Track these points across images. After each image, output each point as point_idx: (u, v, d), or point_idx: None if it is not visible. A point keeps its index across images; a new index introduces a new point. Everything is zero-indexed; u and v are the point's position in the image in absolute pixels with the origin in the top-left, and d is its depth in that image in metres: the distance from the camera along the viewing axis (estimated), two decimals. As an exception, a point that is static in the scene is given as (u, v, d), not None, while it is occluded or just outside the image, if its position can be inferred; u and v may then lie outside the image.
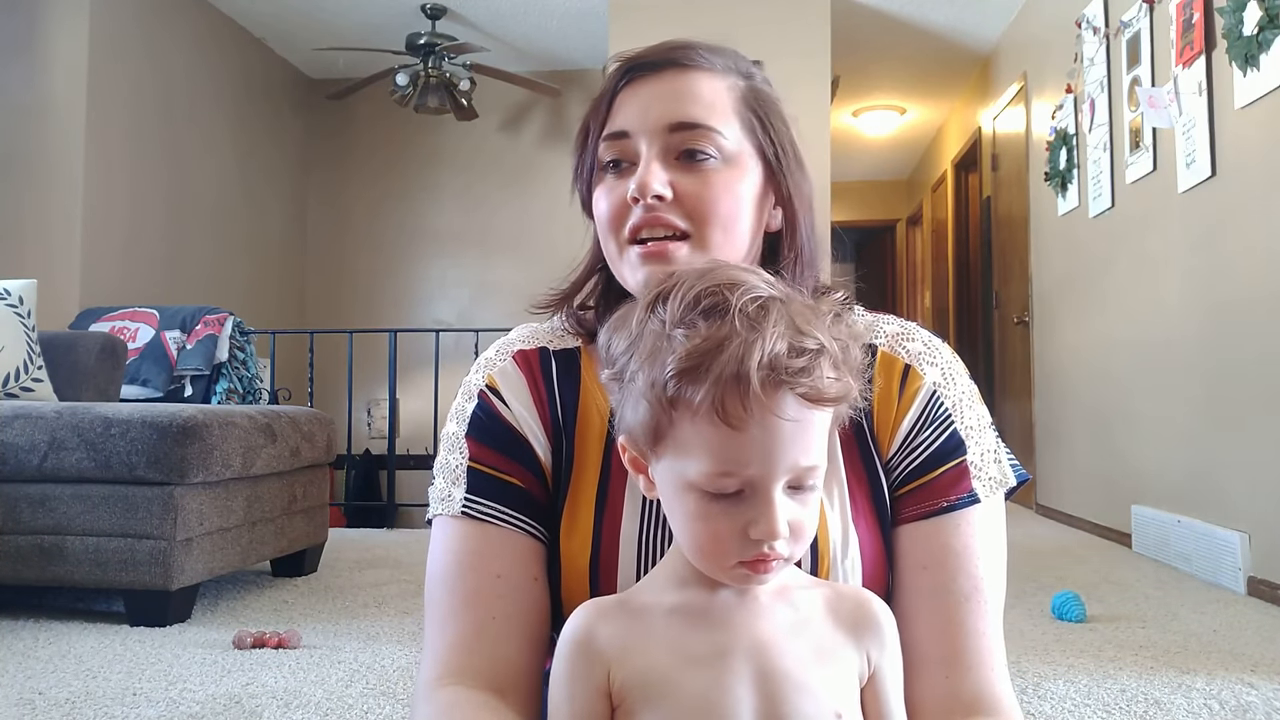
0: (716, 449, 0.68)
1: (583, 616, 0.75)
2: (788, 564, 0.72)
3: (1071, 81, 4.26)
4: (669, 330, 0.69)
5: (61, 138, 4.20)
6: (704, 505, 0.70)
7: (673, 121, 0.86)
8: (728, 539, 0.70)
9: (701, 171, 0.86)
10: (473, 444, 0.89)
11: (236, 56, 5.46)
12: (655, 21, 4.73)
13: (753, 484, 0.68)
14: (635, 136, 0.87)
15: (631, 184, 0.85)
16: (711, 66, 0.89)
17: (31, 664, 2.00)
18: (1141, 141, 3.53)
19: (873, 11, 5.10)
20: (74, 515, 2.37)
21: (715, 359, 0.66)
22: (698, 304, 0.70)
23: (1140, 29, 3.54)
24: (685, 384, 0.67)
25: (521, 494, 0.87)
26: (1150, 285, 3.53)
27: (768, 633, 0.73)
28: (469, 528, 0.86)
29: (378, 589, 2.84)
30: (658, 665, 0.72)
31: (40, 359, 2.91)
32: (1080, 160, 4.21)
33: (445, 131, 6.14)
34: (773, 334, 0.67)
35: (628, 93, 0.89)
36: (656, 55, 0.89)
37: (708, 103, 0.87)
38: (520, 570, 0.85)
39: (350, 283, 6.25)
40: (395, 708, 1.72)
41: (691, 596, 0.74)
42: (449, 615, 0.84)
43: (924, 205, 7.98)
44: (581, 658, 0.74)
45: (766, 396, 0.66)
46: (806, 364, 0.67)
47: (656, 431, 0.71)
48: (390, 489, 4.73)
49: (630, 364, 0.72)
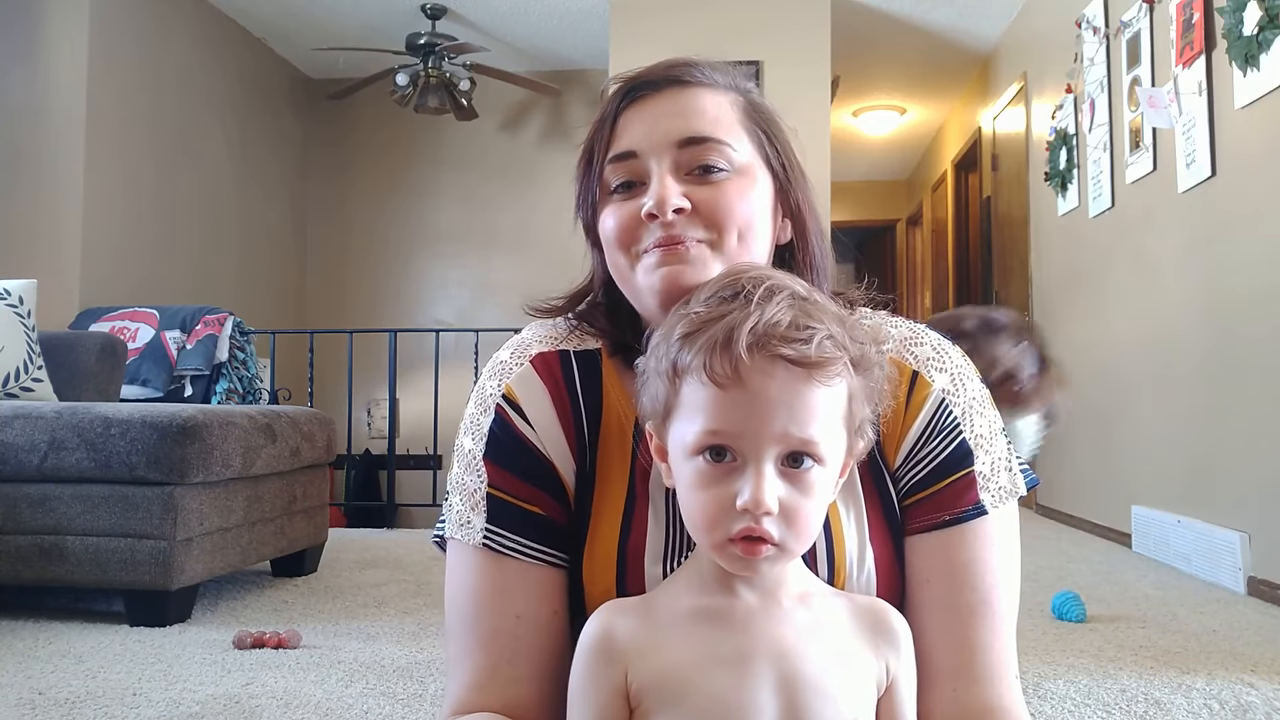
0: (707, 407, 0.70)
1: (602, 617, 0.75)
2: (783, 555, 0.72)
3: (1071, 81, 4.26)
4: (689, 311, 0.73)
5: (62, 138, 4.20)
6: (700, 474, 0.71)
7: (682, 137, 0.85)
8: (719, 510, 0.70)
9: (715, 183, 0.85)
10: (492, 468, 0.86)
11: (236, 56, 5.46)
12: (655, 21, 4.72)
13: (743, 452, 0.70)
14: (644, 156, 0.86)
15: (648, 200, 0.84)
16: (712, 82, 0.89)
17: (31, 664, 2.00)
18: (1141, 141, 3.53)
19: (873, 12, 5.10)
20: (74, 515, 2.37)
21: (713, 326, 0.70)
22: (720, 286, 0.74)
23: (1140, 29, 3.54)
24: (684, 348, 0.71)
25: (543, 522, 0.85)
26: (1150, 285, 3.53)
27: (789, 637, 0.73)
28: (489, 563, 0.85)
29: (378, 589, 2.84)
30: (677, 667, 0.72)
31: (40, 359, 2.91)
32: (1080, 160, 4.21)
33: (445, 131, 6.14)
34: (774, 310, 0.70)
35: (631, 114, 0.88)
36: (656, 75, 0.88)
37: (713, 117, 0.87)
38: (540, 607, 0.84)
39: (350, 283, 6.25)
40: (395, 708, 1.72)
41: (712, 600, 0.74)
42: (465, 654, 0.84)
43: (924, 205, 7.98)
44: (600, 658, 0.74)
45: (749, 357, 0.68)
46: (801, 335, 0.69)
47: (666, 404, 0.73)
48: (390, 489, 4.73)
49: (655, 348, 0.75)
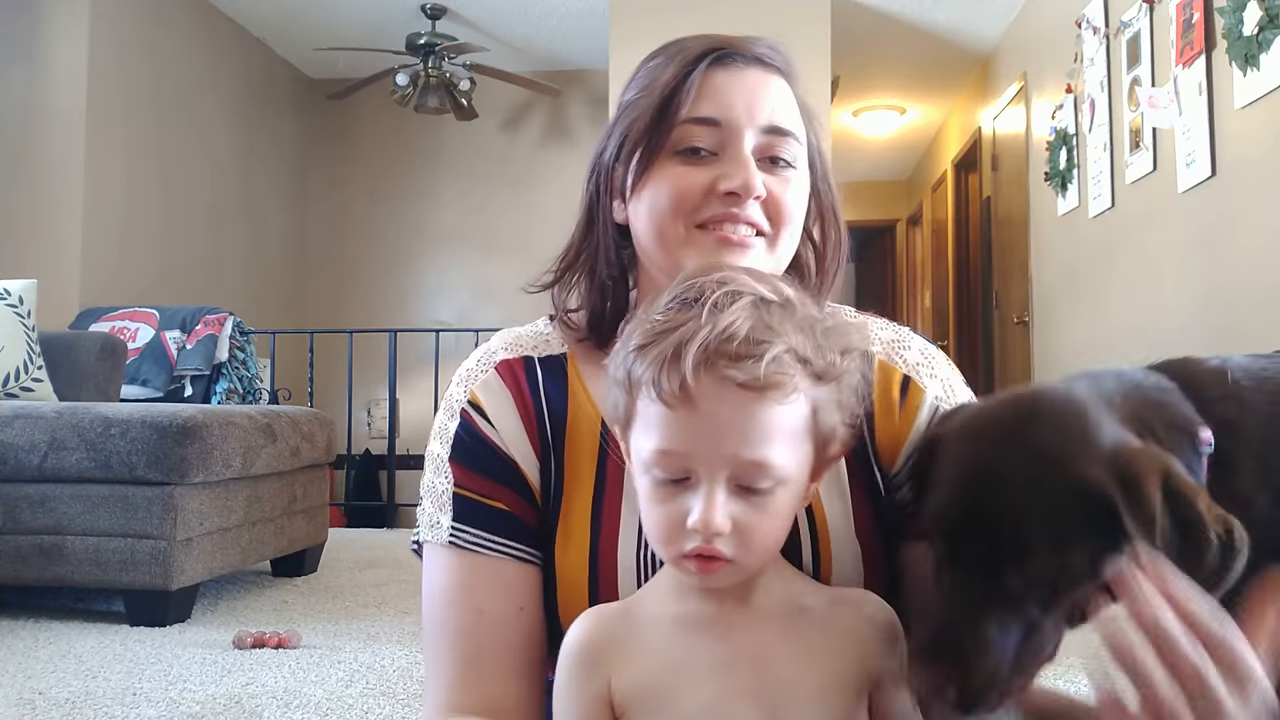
0: (659, 426, 0.68)
1: (584, 624, 0.75)
2: (740, 570, 0.70)
3: (1071, 81, 4.26)
4: (648, 318, 0.71)
5: (62, 137, 4.20)
6: (656, 488, 0.70)
7: (772, 124, 0.85)
8: (672, 526, 0.69)
9: (784, 177, 0.85)
10: (457, 468, 0.87)
11: (236, 56, 5.45)
12: (655, 21, 4.72)
13: (696, 471, 0.68)
14: (730, 128, 0.84)
15: (731, 178, 0.82)
16: (789, 71, 0.89)
17: (31, 664, 2.00)
18: (1141, 141, 3.53)
19: (873, 11, 5.10)
20: (74, 515, 2.37)
21: (665, 338, 0.67)
22: (680, 291, 0.71)
23: (1140, 29, 3.54)
24: (636, 359, 0.68)
25: (508, 519, 0.86)
26: (1150, 285, 3.53)
27: (770, 644, 0.72)
28: (455, 559, 0.86)
29: (378, 589, 2.84)
30: (660, 675, 0.71)
31: (40, 359, 2.91)
32: (1080, 160, 4.21)
33: (445, 131, 6.14)
34: (728, 321, 0.67)
35: (719, 78, 0.85)
36: (742, 49, 0.87)
37: (790, 109, 0.87)
38: (504, 603, 0.84)
39: (350, 283, 6.25)
40: (395, 708, 1.72)
41: (693, 606, 0.73)
42: (438, 655, 0.86)
43: (924, 205, 7.98)
44: (582, 665, 0.74)
45: (696, 378, 0.65)
46: (755, 354, 0.66)
47: (626, 413, 0.72)
48: (390, 489, 4.73)
49: (614, 357, 0.73)
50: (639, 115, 0.85)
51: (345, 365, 4.72)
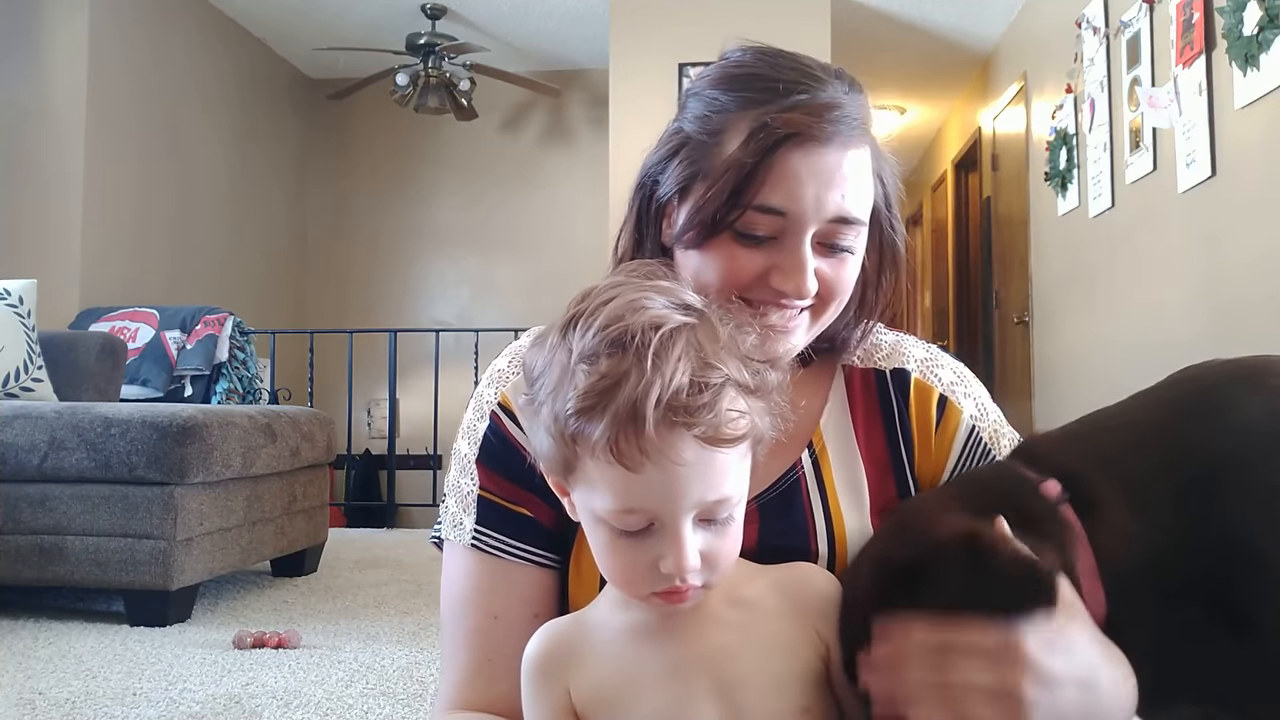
0: (618, 487, 0.67)
1: (540, 638, 0.77)
2: (706, 590, 0.71)
3: (1071, 81, 4.26)
4: (573, 364, 0.68)
5: (61, 138, 4.20)
6: (614, 539, 0.69)
7: (836, 216, 0.81)
8: (639, 572, 0.69)
9: (840, 261, 0.84)
10: (483, 471, 0.89)
11: (237, 56, 5.45)
12: (655, 21, 4.72)
13: (660, 520, 0.68)
14: (795, 220, 0.80)
15: (786, 278, 0.80)
16: (864, 137, 0.84)
17: (31, 664, 2.00)
18: (1141, 141, 3.53)
19: (873, 11, 5.10)
20: (74, 515, 2.37)
21: (612, 398, 0.65)
22: (604, 332, 0.67)
23: (1140, 29, 3.54)
24: (583, 422, 0.66)
25: (531, 524, 0.87)
26: (1150, 285, 3.53)
27: (722, 641, 0.73)
28: (476, 562, 0.88)
29: (378, 589, 2.84)
30: (615, 683, 0.73)
31: (40, 359, 2.91)
32: (1080, 160, 4.21)
33: (445, 131, 6.14)
34: (672, 370, 0.65)
35: (789, 164, 0.79)
36: (817, 126, 0.80)
37: (862, 189, 0.83)
38: (519, 609, 0.86)
39: (350, 283, 6.25)
40: (395, 708, 1.72)
41: (641, 614, 0.74)
42: (453, 651, 0.88)
43: (924, 205, 7.98)
44: (541, 677, 0.76)
45: (660, 439, 0.64)
46: (707, 400, 0.65)
47: (565, 464, 0.70)
48: (390, 489, 4.73)
49: (539, 393, 0.71)
50: (707, 190, 0.81)
51: (345, 365, 4.72)
